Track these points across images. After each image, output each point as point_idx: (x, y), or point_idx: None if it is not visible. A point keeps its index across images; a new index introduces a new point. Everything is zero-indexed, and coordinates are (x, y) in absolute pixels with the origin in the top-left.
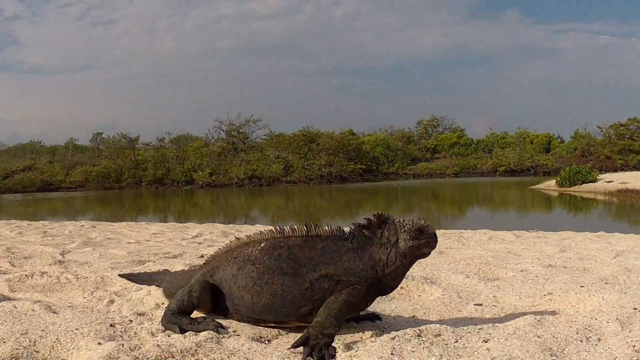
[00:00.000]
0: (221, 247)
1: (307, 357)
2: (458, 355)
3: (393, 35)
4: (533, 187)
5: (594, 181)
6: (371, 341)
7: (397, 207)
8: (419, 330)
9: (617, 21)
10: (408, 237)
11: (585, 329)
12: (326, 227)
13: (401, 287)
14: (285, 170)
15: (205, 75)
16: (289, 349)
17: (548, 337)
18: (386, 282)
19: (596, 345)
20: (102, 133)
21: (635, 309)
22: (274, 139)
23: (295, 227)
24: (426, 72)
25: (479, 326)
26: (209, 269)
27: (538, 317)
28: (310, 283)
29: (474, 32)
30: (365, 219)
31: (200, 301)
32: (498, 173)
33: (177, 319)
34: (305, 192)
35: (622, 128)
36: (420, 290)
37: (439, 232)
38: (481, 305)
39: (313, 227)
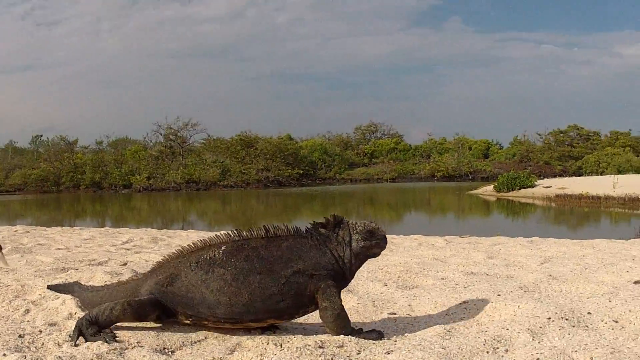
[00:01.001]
0: (170, 254)
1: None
2: None
3: (335, 42)
4: (471, 192)
5: (532, 186)
6: (272, 353)
7: (334, 212)
8: (321, 341)
9: (560, 31)
10: (360, 238)
11: (494, 339)
12: (283, 227)
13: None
14: (222, 175)
15: (146, 78)
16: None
17: (453, 349)
18: (344, 278)
19: (502, 356)
20: (41, 135)
21: (550, 318)
22: (212, 143)
23: (252, 229)
24: (367, 79)
25: (387, 337)
26: (164, 277)
27: (448, 327)
28: (286, 279)
29: (417, 40)
30: (324, 218)
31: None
32: (436, 178)
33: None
34: (242, 197)
35: (561, 135)
36: None
37: None
38: (395, 314)
39: (271, 228)
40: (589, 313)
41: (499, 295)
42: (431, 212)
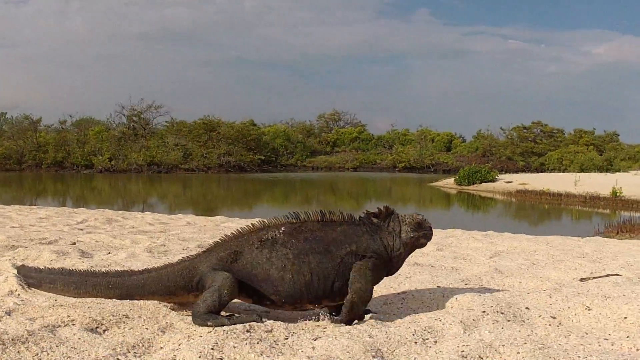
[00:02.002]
0: (228, 234)
1: (347, 309)
2: (280, 352)
3: (301, 30)
4: (431, 184)
5: (493, 181)
6: (199, 335)
7: (295, 199)
8: (249, 325)
9: (528, 27)
10: (409, 229)
11: (425, 330)
12: (337, 212)
13: None
14: (184, 158)
15: (112, 60)
16: (334, 320)
17: (381, 338)
18: (392, 265)
19: (430, 347)
20: (5, 113)
21: (485, 312)
22: (175, 126)
23: (309, 212)
24: (332, 68)
25: (317, 323)
26: (226, 254)
27: (382, 316)
28: (341, 259)
29: (384, 30)
30: (377, 208)
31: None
32: (397, 169)
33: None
34: (203, 181)
35: (525, 131)
36: None
37: None
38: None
39: (327, 213)
40: (527, 308)
41: (438, 286)
42: (391, 203)
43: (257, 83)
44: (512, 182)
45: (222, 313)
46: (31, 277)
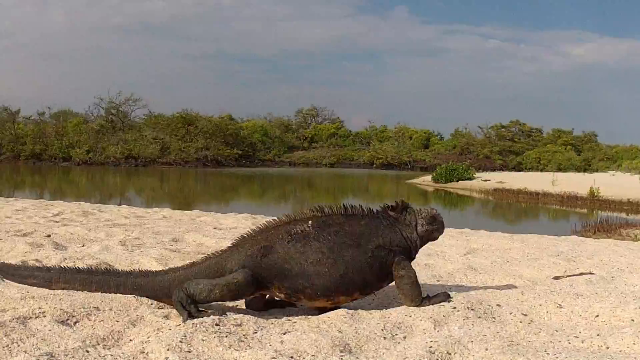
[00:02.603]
0: (254, 229)
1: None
2: (249, 346)
3: (280, 25)
4: (409, 181)
5: (470, 179)
6: (169, 328)
7: (272, 194)
8: (219, 319)
9: (507, 27)
10: (424, 222)
11: (395, 326)
12: (358, 206)
13: None
14: (161, 152)
15: (91, 52)
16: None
17: (350, 333)
18: (411, 257)
19: (399, 343)
20: None
21: (455, 308)
22: (153, 119)
23: (332, 206)
24: (310, 64)
25: (288, 318)
26: (256, 249)
27: (352, 312)
28: (372, 252)
29: (363, 27)
30: (394, 202)
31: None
32: (375, 166)
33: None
34: (180, 175)
35: (503, 129)
36: None
37: None
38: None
39: (349, 207)
40: (499, 305)
41: None
42: (368, 200)
43: (236, 77)
44: (489, 180)
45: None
46: (34, 277)
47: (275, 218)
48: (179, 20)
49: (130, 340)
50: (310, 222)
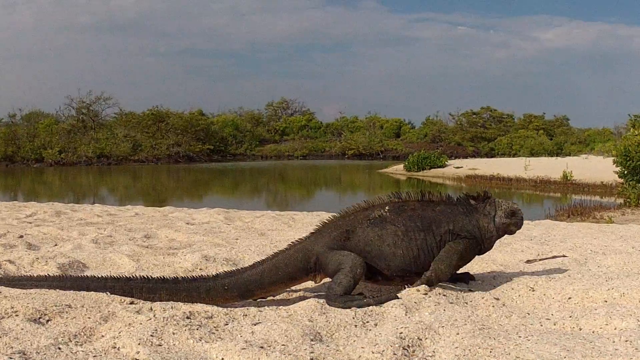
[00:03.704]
0: (334, 215)
1: (423, 284)
2: (219, 337)
3: (248, 18)
4: (381, 171)
5: (442, 166)
6: (140, 323)
7: (244, 188)
8: (189, 312)
9: (476, 13)
10: (503, 215)
11: (366, 313)
12: (436, 193)
13: (200, 269)
14: (133, 150)
15: (60, 52)
16: (413, 285)
17: (321, 322)
18: (484, 246)
19: (370, 330)
20: None
21: (427, 294)
22: (124, 117)
23: (409, 193)
24: (280, 56)
25: (259, 309)
26: (339, 233)
27: (323, 301)
28: (441, 237)
29: (331, 18)
30: (476, 192)
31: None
32: (347, 156)
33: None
34: (152, 172)
35: (474, 116)
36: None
37: (270, 214)
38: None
39: (427, 193)
40: (470, 290)
41: None
42: (340, 190)
43: (206, 72)
44: (461, 167)
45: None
46: (113, 288)
47: (355, 205)
48: (147, 17)
49: (102, 336)
50: (387, 207)
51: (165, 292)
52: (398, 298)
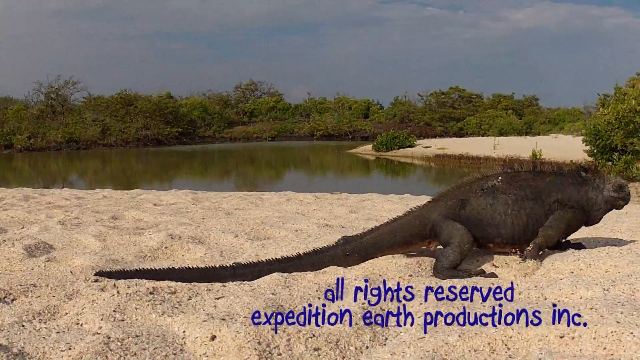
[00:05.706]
0: (452, 186)
1: (533, 250)
2: (182, 312)
3: (215, 1)
4: (350, 151)
5: (411, 146)
6: (103, 299)
7: (213, 170)
8: (153, 287)
9: None
10: (612, 189)
11: (330, 287)
12: (547, 164)
13: (165, 247)
14: (102, 134)
15: (29, 38)
16: (526, 256)
17: (284, 295)
18: (590, 217)
19: (333, 302)
20: None
21: (389, 268)
22: (92, 101)
23: (522, 163)
24: (247, 39)
25: (223, 284)
26: (454, 202)
27: (286, 275)
28: (549, 206)
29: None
30: (587, 164)
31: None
32: (315, 137)
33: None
34: (121, 156)
35: (443, 96)
36: (184, 250)
37: (238, 194)
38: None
39: (538, 164)
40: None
41: None
42: (308, 171)
43: (174, 55)
44: (430, 147)
45: None
46: (239, 275)
47: (470, 176)
48: (116, 1)
49: (66, 313)
50: (500, 177)
51: (293, 268)
52: (496, 276)
